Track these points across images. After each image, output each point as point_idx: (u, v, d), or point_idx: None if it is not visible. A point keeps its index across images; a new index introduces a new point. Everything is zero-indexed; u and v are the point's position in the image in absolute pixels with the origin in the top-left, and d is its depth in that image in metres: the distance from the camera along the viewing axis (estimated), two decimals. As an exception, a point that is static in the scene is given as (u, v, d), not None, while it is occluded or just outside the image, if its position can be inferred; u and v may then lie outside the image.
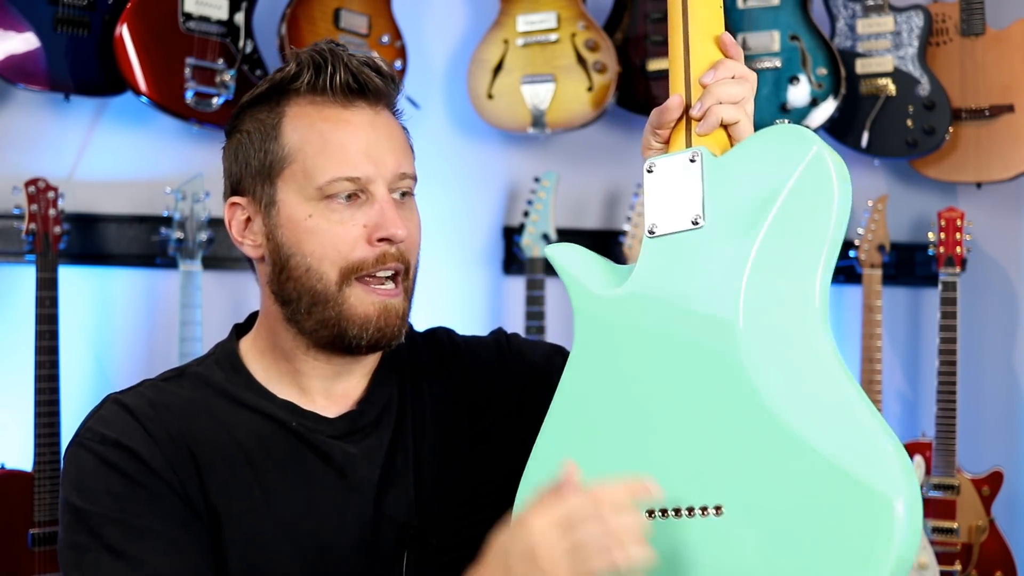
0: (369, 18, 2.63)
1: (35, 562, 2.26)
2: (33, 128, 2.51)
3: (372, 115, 1.16)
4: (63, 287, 2.33)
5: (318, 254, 1.12)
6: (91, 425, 1.12)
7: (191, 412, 1.15)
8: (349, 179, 1.12)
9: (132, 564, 1.05)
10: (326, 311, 1.13)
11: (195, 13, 2.43)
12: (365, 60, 1.16)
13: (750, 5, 2.73)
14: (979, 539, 2.67)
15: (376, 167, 1.13)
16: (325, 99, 1.14)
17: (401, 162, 1.16)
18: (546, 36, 2.71)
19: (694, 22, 1.09)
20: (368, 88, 1.15)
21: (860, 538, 0.90)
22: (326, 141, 1.13)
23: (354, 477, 1.15)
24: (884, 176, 3.01)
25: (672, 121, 1.09)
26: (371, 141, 1.14)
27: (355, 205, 1.13)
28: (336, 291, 1.12)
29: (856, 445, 0.93)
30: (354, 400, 1.21)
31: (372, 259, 1.12)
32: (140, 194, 2.57)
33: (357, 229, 1.12)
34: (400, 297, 1.15)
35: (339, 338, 1.14)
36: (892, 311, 2.96)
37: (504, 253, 2.89)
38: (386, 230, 1.12)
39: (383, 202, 1.13)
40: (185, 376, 1.19)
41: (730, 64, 1.09)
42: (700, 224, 1.03)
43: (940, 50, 2.80)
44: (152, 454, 1.09)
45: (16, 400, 2.38)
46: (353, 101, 1.15)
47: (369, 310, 1.13)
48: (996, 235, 2.98)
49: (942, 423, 2.67)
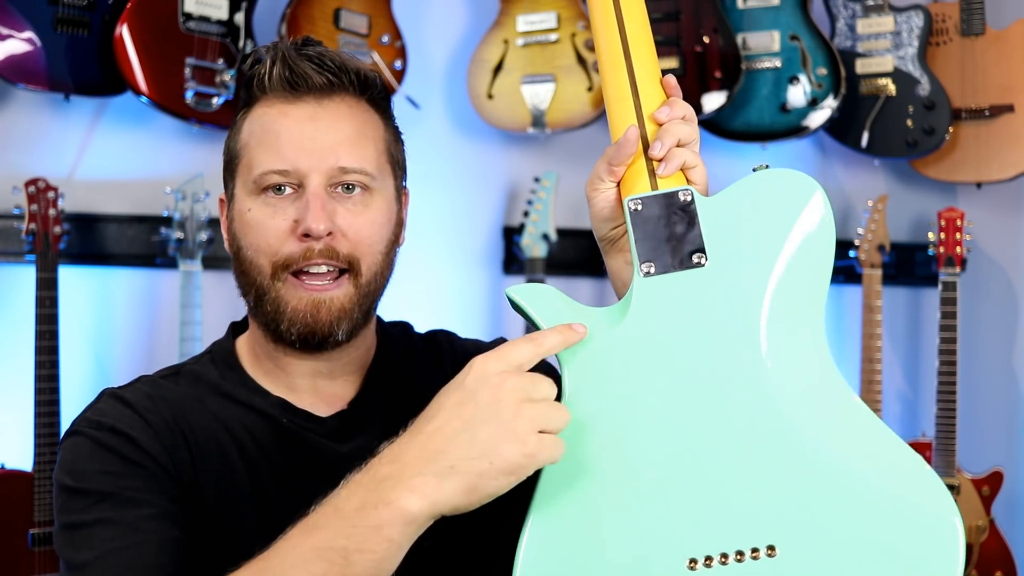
0: (369, 18, 2.63)
1: (35, 562, 2.26)
2: (33, 128, 2.51)
3: (314, 108, 1.14)
4: (63, 287, 2.33)
5: (255, 247, 1.13)
6: (87, 415, 1.13)
7: (186, 406, 1.15)
8: (278, 171, 1.12)
9: (125, 530, 1.03)
10: (265, 304, 1.13)
11: (195, 13, 2.43)
12: (318, 54, 1.15)
13: (750, 5, 2.73)
14: (979, 539, 2.67)
15: (309, 160, 1.12)
16: (275, 95, 1.15)
17: (342, 156, 1.13)
18: (546, 36, 2.71)
19: (637, 62, 1.07)
20: (308, 83, 1.13)
21: (930, 562, 0.91)
22: (264, 134, 1.13)
23: (341, 476, 1.15)
24: (884, 176, 3.01)
25: (630, 156, 1.05)
26: (307, 134, 1.12)
27: (288, 199, 1.12)
28: (270, 284, 1.12)
29: (899, 471, 0.94)
30: (347, 400, 1.21)
31: (298, 254, 1.11)
32: (140, 194, 2.57)
33: (287, 223, 1.12)
34: (338, 291, 1.13)
35: (276, 333, 1.14)
36: (892, 311, 2.96)
37: (504, 253, 2.90)
38: (304, 224, 1.10)
39: (310, 195, 1.11)
40: (181, 374, 1.20)
41: (681, 103, 1.07)
42: (703, 264, 1.01)
43: (940, 50, 2.80)
44: (148, 439, 1.09)
45: (16, 400, 2.38)
46: (298, 96, 1.14)
47: (298, 304, 1.12)
48: (996, 235, 2.98)
49: (942, 423, 2.67)
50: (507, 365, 0.93)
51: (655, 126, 1.05)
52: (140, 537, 1.03)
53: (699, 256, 1.01)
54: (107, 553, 1.02)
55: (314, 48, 1.16)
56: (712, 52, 2.67)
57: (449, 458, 0.90)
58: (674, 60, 2.67)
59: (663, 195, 1.03)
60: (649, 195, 1.03)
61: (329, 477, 1.13)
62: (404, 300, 1.21)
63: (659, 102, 1.06)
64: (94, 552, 1.03)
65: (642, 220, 1.03)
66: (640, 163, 1.05)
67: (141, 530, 1.04)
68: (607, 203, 1.08)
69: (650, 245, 1.02)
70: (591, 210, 1.10)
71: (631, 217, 1.03)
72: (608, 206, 1.08)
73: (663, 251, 1.02)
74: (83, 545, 1.04)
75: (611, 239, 1.11)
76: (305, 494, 1.10)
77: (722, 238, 1.01)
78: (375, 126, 1.18)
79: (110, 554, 1.02)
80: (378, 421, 1.20)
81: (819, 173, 2.98)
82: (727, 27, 2.67)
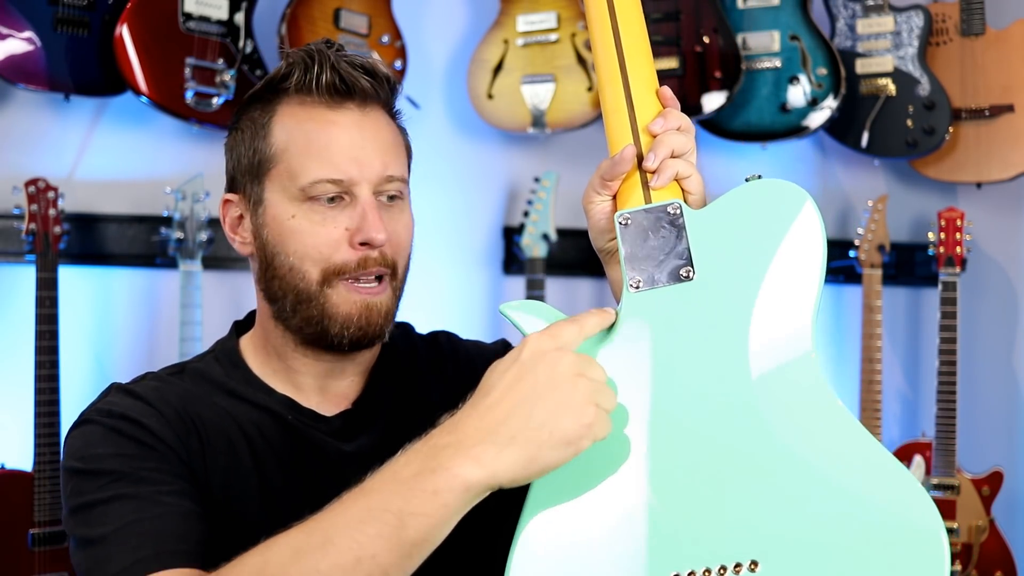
0: (369, 18, 2.63)
1: (35, 562, 2.26)
2: (33, 128, 2.51)
3: (359, 116, 1.15)
4: (63, 287, 2.33)
5: (300, 254, 1.13)
6: (97, 406, 1.12)
7: (195, 400, 1.16)
8: (331, 181, 1.12)
9: (144, 503, 1.02)
10: (309, 309, 1.13)
11: (195, 13, 2.43)
12: (356, 60, 1.16)
13: (750, 5, 2.73)
14: (979, 539, 2.67)
15: (360, 169, 1.13)
16: (313, 99, 1.14)
17: (388, 164, 1.15)
18: (546, 36, 2.71)
19: (633, 73, 1.07)
20: (355, 89, 1.14)
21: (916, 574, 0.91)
22: (310, 142, 1.13)
23: (347, 475, 1.15)
24: (884, 176, 3.01)
25: (624, 173, 1.05)
26: (356, 143, 1.13)
27: (338, 207, 1.13)
28: (318, 290, 1.13)
29: (885, 484, 0.94)
30: (351, 400, 1.22)
31: (354, 262, 1.12)
32: (140, 194, 2.57)
33: (339, 231, 1.12)
34: (384, 295, 1.15)
35: (322, 336, 1.14)
36: (892, 311, 2.96)
37: (504, 253, 2.90)
38: (366, 234, 1.11)
39: (365, 205, 1.12)
40: (186, 372, 1.21)
41: (676, 114, 1.06)
42: (691, 277, 1.01)
43: (940, 50, 2.80)
44: (161, 426, 1.09)
45: (16, 400, 2.38)
46: (341, 102, 1.14)
47: (351, 309, 1.13)
48: (996, 235, 2.98)
49: (942, 423, 2.67)
50: (561, 343, 0.96)
51: (650, 137, 1.05)
52: (161, 509, 1.03)
53: (687, 270, 1.01)
54: (127, 524, 1.01)
55: (343, 52, 1.16)
56: (712, 52, 2.67)
57: (510, 429, 0.92)
58: (674, 60, 2.67)
59: (651, 209, 1.03)
60: (637, 210, 1.04)
61: (334, 475, 1.14)
62: (404, 300, 1.21)
63: (655, 112, 1.06)
64: (113, 526, 1.01)
65: (631, 234, 1.03)
66: (635, 175, 1.05)
67: (161, 503, 1.03)
68: (603, 215, 1.09)
69: (638, 259, 1.03)
70: (588, 222, 1.11)
71: (620, 232, 1.04)
72: (604, 218, 1.09)
73: (651, 265, 1.02)
74: (99, 521, 1.03)
75: (609, 251, 1.11)
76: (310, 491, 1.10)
77: (711, 251, 1.01)
78: (400, 132, 1.21)
79: (131, 525, 1.01)
80: (380, 421, 1.21)
81: (819, 173, 2.98)
82: (727, 27, 2.67)
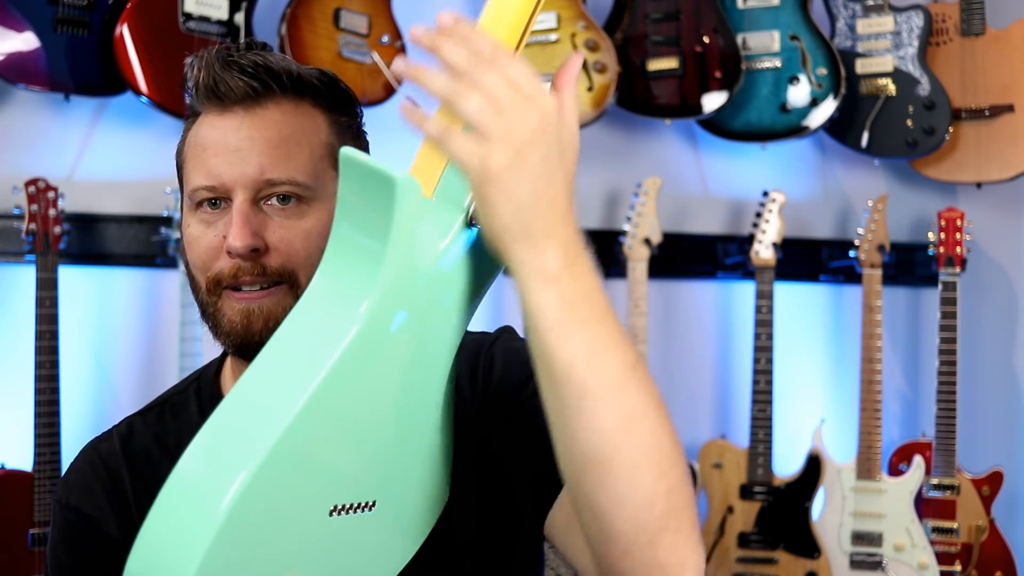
0: (369, 18, 2.63)
1: (35, 562, 2.26)
2: (33, 128, 2.51)
3: (243, 118, 1.07)
4: (63, 287, 2.33)
5: (193, 263, 1.10)
6: (66, 478, 1.18)
7: (159, 453, 1.15)
8: (205, 187, 1.06)
9: None
10: (208, 319, 1.11)
11: (195, 13, 2.43)
12: (243, 59, 1.08)
13: (750, 5, 2.73)
14: (979, 539, 2.67)
15: (232, 174, 1.05)
16: (209, 106, 1.09)
17: (270, 167, 1.05)
18: (546, 36, 2.71)
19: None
20: (231, 92, 1.07)
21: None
22: (196, 148, 1.08)
23: None
24: (884, 176, 3.01)
25: None
26: (230, 146, 1.05)
27: (219, 213, 1.07)
28: (209, 300, 1.09)
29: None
30: None
31: (227, 272, 1.06)
32: (140, 194, 2.57)
33: (218, 239, 1.07)
34: (268, 300, 1.06)
35: (223, 346, 1.12)
36: (892, 311, 2.96)
37: (504, 253, 2.89)
38: (227, 242, 1.05)
39: (234, 212, 1.05)
40: (166, 406, 1.20)
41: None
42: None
43: (940, 50, 2.80)
44: (106, 519, 1.13)
45: (16, 400, 2.38)
46: (228, 106, 1.07)
47: (234, 315, 1.07)
48: (996, 235, 2.98)
49: (942, 423, 2.67)
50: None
51: None
52: None
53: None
54: None
55: (249, 54, 1.08)
56: (712, 52, 2.67)
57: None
58: (674, 60, 2.67)
59: None
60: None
61: None
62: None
63: None
64: None
65: None
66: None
67: None
68: None
69: None
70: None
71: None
72: None
73: None
74: None
75: None
76: None
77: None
78: (313, 129, 1.09)
79: None
80: None
81: (819, 173, 2.98)
82: (727, 27, 2.68)
